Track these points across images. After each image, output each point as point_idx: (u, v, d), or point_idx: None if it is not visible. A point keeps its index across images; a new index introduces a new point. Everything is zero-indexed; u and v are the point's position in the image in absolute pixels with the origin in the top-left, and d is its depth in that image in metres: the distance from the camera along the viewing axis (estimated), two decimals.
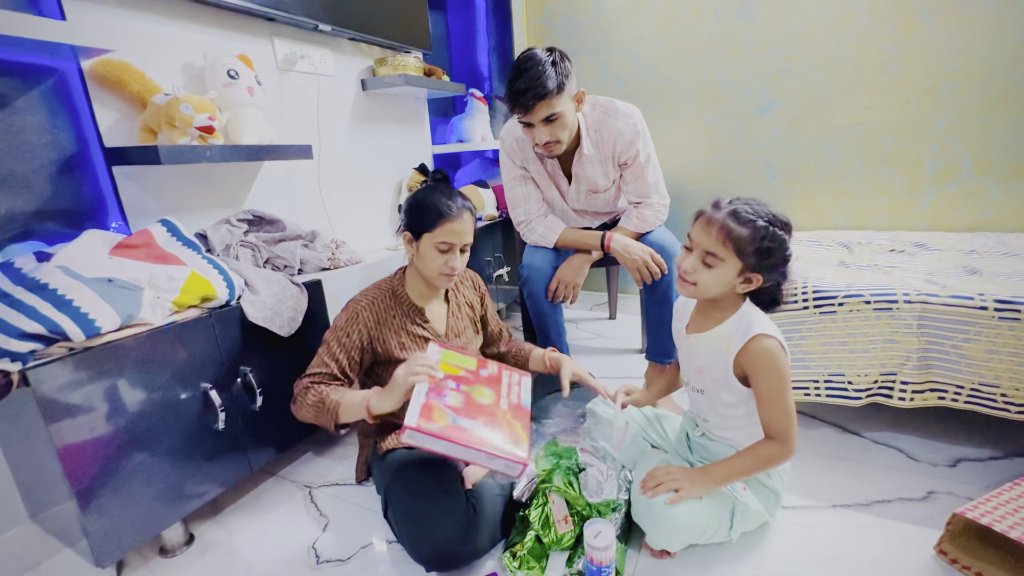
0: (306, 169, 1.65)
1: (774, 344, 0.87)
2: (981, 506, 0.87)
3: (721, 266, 0.88)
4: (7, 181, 1.02)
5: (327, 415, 0.98)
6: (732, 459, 0.92)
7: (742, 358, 0.89)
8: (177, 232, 1.14)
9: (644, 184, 1.45)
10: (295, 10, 1.47)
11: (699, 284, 0.91)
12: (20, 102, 1.03)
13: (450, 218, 1.05)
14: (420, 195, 1.10)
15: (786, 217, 0.89)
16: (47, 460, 0.87)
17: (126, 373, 0.92)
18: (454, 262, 1.08)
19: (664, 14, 2.18)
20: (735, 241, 0.87)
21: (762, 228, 0.86)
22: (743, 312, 0.93)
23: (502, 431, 0.91)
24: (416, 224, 1.07)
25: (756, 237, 0.86)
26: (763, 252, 0.86)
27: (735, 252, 0.87)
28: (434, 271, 1.08)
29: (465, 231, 1.07)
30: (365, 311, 1.09)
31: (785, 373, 0.87)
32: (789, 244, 0.88)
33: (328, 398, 0.99)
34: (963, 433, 1.26)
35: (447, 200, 1.06)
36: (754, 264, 0.87)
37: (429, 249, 1.06)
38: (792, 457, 0.89)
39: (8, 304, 0.81)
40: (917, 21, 1.78)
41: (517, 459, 0.88)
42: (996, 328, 1.06)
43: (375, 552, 1.04)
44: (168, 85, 1.17)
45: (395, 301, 1.13)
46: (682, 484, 0.90)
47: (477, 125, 2.30)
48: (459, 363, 1.02)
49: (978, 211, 1.84)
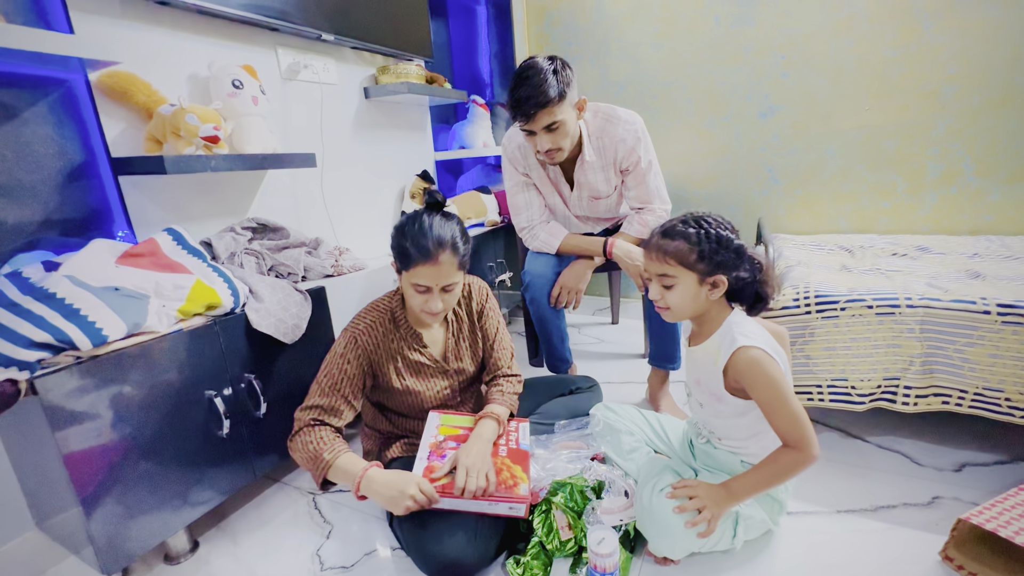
0: (309, 177, 1.66)
1: (758, 354, 0.85)
2: (986, 511, 0.87)
3: (677, 283, 0.90)
4: (16, 191, 1.04)
5: (317, 471, 0.98)
6: (752, 472, 0.89)
7: (731, 372, 0.88)
8: (182, 240, 1.15)
9: (646, 190, 1.46)
10: (298, 20, 1.49)
11: (672, 307, 0.92)
12: (29, 114, 1.05)
13: (424, 261, 0.97)
14: (401, 228, 1.02)
15: (719, 216, 0.90)
16: (53, 468, 0.88)
17: (132, 381, 0.93)
18: (433, 304, 1.01)
19: (664, 20, 2.20)
20: (674, 255, 0.89)
21: (693, 234, 0.88)
22: (728, 324, 0.91)
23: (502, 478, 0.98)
24: (397, 258, 1.03)
25: (692, 244, 0.87)
26: (709, 254, 0.87)
27: (681, 265, 0.89)
28: (416, 308, 1.04)
29: (442, 274, 0.99)
30: (363, 335, 1.07)
31: (776, 380, 0.84)
32: (734, 237, 0.88)
33: (321, 456, 0.97)
34: (968, 438, 1.25)
35: (423, 240, 0.97)
36: (707, 269, 0.88)
37: (408, 288, 1.02)
38: (815, 461, 0.83)
39: (16, 314, 0.82)
40: (917, 25, 1.79)
41: (519, 499, 0.95)
42: (999, 332, 1.06)
43: (379, 559, 1.04)
44: (173, 96, 1.18)
45: (394, 325, 1.10)
46: (704, 503, 0.88)
47: (479, 131, 2.31)
48: (458, 423, 1.10)
49: (980, 214, 1.84)
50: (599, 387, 1.39)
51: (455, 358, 1.17)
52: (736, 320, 0.91)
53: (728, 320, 0.92)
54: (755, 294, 0.91)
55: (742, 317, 0.93)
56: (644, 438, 1.15)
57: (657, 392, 1.53)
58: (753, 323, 0.92)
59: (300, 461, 1.01)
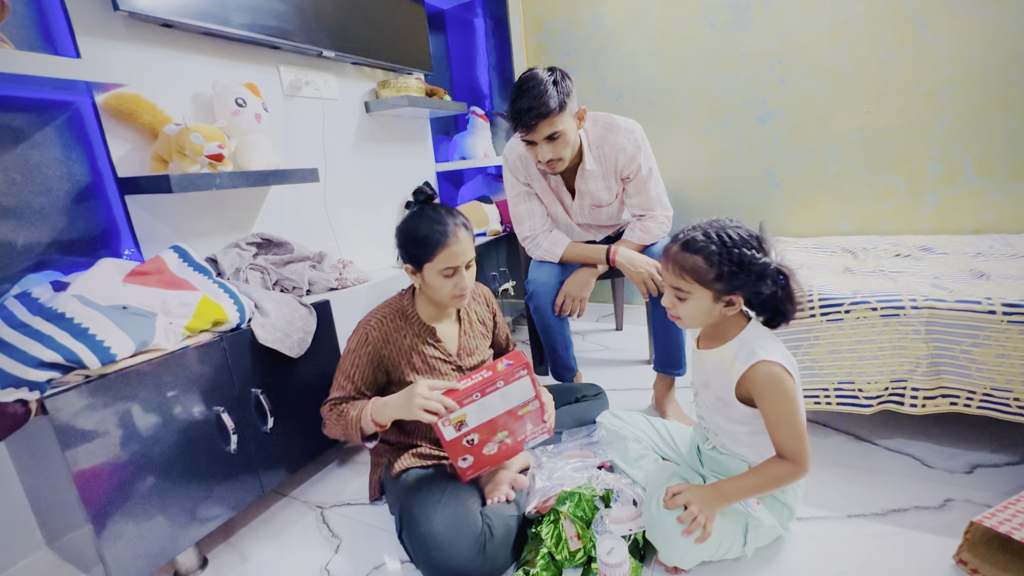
0: (313, 191, 1.68)
1: (778, 370, 0.84)
2: (999, 513, 0.86)
3: (691, 298, 0.87)
4: (25, 213, 1.05)
5: (352, 430, 1.03)
6: (744, 476, 0.91)
7: (745, 382, 0.88)
8: (188, 257, 1.16)
9: (647, 197, 1.46)
10: (300, 38, 1.51)
11: (682, 317, 0.91)
12: (37, 137, 1.07)
13: (446, 244, 1.03)
14: (409, 226, 1.07)
15: (750, 231, 0.85)
16: (64, 486, 0.88)
17: (140, 399, 0.93)
18: (463, 282, 1.07)
19: (660, 29, 2.22)
20: (691, 273, 0.85)
21: (715, 254, 0.82)
22: (746, 334, 0.90)
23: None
24: (414, 257, 1.07)
25: (712, 264, 0.83)
26: (728, 276, 0.83)
27: (697, 283, 0.85)
28: (445, 296, 1.09)
29: (464, 250, 1.06)
30: (374, 331, 1.10)
31: (792, 398, 0.84)
32: (759, 257, 0.83)
33: (348, 414, 1.04)
34: (978, 439, 1.24)
35: (437, 225, 1.04)
36: (723, 289, 0.84)
37: (435, 278, 1.06)
38: (805, 476, 0.87)
39: (26, 334, 0.83)
40: (912, 28, 1.80)
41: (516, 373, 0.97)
42: (1006, 332, 1.06)
43: (388, 572, 1.04)
44: (178, 115, 1.20)
45: (405, 321, 1.13)
46: (691, 500, 0.88)
47: (479, 142, 2.33)
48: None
49: (983, 213, 1.84)
50: (605, 395, 1.39)
51: (467, 354, 1.19)
52: (754, 333, 0.90)
53: (746, 331, 0.91)
54: (775, 308, 0.88)
55: (761, 330, 0.91)
56: (651, 445, 1.14)
57: (663, 398, 1.53)
58: (771, 336, 0.91)
59: (338, 433, 1.08)
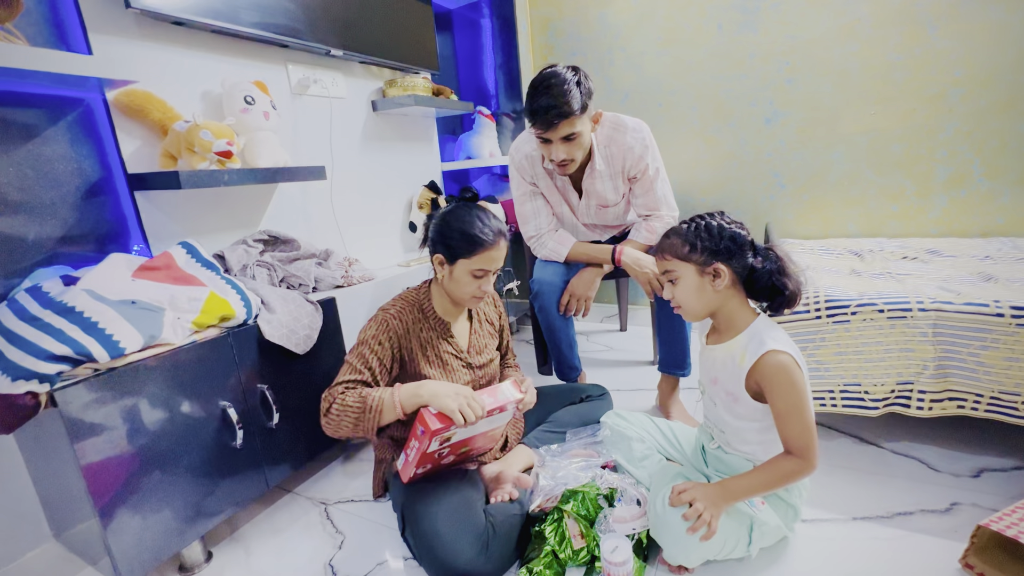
0: (319, 189, 1.69)
1: (788, 360, 0.86)
2: (1007, 517, 0.86)
3: (679, 277, 0.94)
4: (36, 208, 1.06)
5: (372, 414, 0.98)
6: (750, 474, 0.91)
7: (755, 374, 0.89)
8: (196, 253, 1.17)
9: (653, 197, 1.46)
10: (308, 37, 1.52)
11: (683, 305, 0.96)
12: (49, 132, 1.08)
13: (487, 247, 1.05)
14: (455, 219, 1.07)
15: (721, 212, 0.94)
16: (72, 479, 0.89)
17: (148, 392, 0.94)
18: (486, 286, 1.10)
19: (666, 29, 2.21)
20: (669, 249, 0.95)
21: (689, 231, 0.93)
22: (756, 327, 0.92)
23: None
24: (451, 249, 1.06)
25: (685, 238, 0.93)
26: (701, 245, 0.91)
27: (676, 258, 0.94)
28: (466, 295, 1.10)
29: (500, 257, 1.08)
30: (394, 319, 1.10)
31: (801, 388, 0.86)
32: (730, 227, 0.91)
33: (371, 396, 0.99)
34: (985, 442, 1.23)
35: (484, 227, 1.06)
36: (702, 258, 0.91)
37: (464, 275, 1.07)
38: (813, 472, 0.87)
39: (37, 327, 0.84)
40: (921, 29, 1.79)
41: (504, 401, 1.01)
42: (1014, 335, 1.05)
43: (391, 569, 1.04)
44: (188, 112, 1.21)
45: (422, 314, 1.14)
46: (697, 498, 0.88)
47: (485, 141, 2.33)
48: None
49: (991, 216, 1.83)
50: (609, 395, 1.39)
51: (476, 352, 1.20)
52: (764, 325, 0.92)
53: (755, 324, 0.93)
54: (772, 286, 0.90)
55: (770, 323, 0.94)
56: (655, 445, 1.14)
57: (667, 399, 1.52)
58: (781, 330, 0.93)
59: (345, 423, 0.99)
